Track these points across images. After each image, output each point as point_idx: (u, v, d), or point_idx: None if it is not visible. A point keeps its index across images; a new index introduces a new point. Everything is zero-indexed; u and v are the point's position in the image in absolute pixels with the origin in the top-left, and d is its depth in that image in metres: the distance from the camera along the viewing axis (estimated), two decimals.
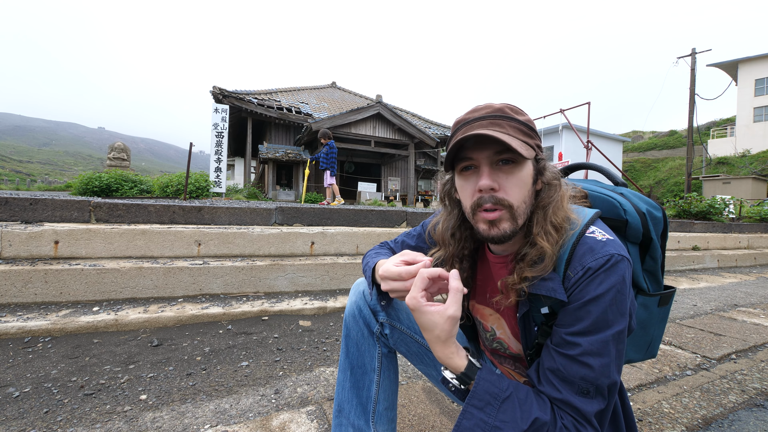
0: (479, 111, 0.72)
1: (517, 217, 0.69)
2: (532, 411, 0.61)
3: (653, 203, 0.87)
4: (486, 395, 0.63)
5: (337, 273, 3.08)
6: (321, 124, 12.18)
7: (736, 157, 24.16)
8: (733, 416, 1.40)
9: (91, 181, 4.93)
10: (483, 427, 0.61)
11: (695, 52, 15.40)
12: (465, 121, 0.72)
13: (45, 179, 46.52)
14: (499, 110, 0.71)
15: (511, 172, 0.69)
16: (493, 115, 0.70)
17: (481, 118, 0.71)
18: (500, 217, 0.69)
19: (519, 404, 0.62)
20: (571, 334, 0.64)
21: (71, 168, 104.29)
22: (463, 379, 0.66)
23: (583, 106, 10.87)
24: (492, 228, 0.70)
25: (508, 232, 0.69)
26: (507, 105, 0.73)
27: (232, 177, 23.98)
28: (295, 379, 1.62)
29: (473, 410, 0.63)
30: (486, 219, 0.70)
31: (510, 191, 0.69)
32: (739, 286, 4.35)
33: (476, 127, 0.70)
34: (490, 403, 0.62)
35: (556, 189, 0.72)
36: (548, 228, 0.69)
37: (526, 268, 0.69)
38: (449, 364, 0.67)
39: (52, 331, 1.98)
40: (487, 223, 0.70)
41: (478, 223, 0.72)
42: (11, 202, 2.67)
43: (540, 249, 0.68)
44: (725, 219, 7.82)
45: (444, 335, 0.65)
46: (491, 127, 0.69)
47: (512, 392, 0.63)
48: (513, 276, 0.71)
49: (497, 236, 0.70)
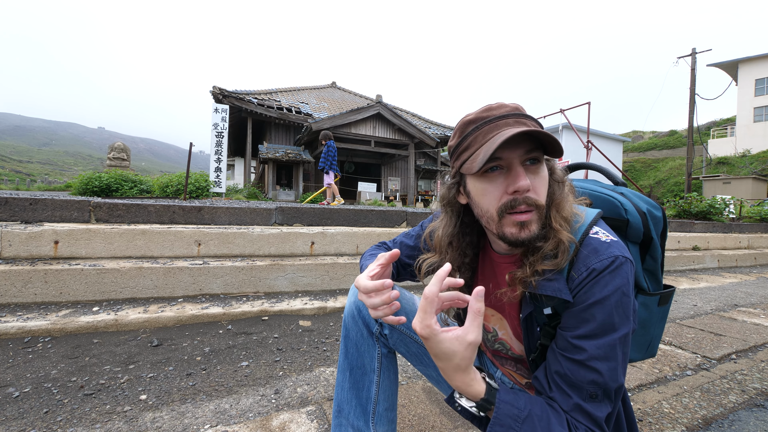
0: (497, 110, 0.69)
1: (542, 217, 0.68)
2: (551, 428, 0.60)
3: (653, 203, 0.87)
4: (507, 419, 0.60)
5: (337, 273, 3.08)
6: (321, 124, 12.18)
7: (736, 157, 24.16)
8: (733, 416, 1.40)
9: (91, 181, 4.93)
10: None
11: (695, 52, 15.40)
12: (485, 119, 0.68)
13: (45, 179, 46.52)
14: (517, 109, 0.69)
15: (537, 171, 0.68)
16: (516, 114, 0.68)
17: (504, 116, 0.67)
18: (531, 219, 0.67)
19: (538, 421, 0.60)
20: (577, 337, 0.63)
21: (71, 168, 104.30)
22: (484, 406, 0.62)
23: (583, 106, 10.87)
24: (522, 230, 0.67)
25: (536, 233, 0.67)
26: (517, 105, 0.72)
27: (232, 177, 23.98)
28: (295, 379, 1.62)
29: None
30: (517, 221, 0.67)
31: (539, 191, 0.68)
32: (740, 286, 4.35)
33: (504, 125, 0.66)
34: (511, 427, 0.60)
35: (564, 186, 0.73)
36: (562, 221, 0.69)
37: (539, 261, 0.68)
38: (468, 392, 0.62)
39: (52, 331, 1.98)
40: (518, 225, 0.67)
41: (506, 226, 0.68)
42: (11, 202, 2.67)
43: (555, 242, 0.67)
44: (725, 219, 7.82)
45: (465, 363, 0.59)
46: (519, 126, 0.66)
47: (530, 410, 0.61)
48: (525, 269, 0.69)
49: (527, 238, 0.67)
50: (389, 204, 11.40)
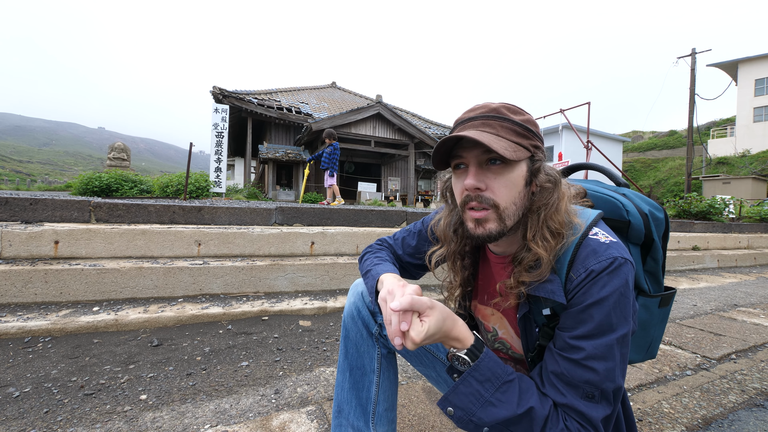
0: (475, 111, 0.72)
1: (504, 218, 0.69)
2: (530, 400, 0.62)
3: (655, 204, 0.87)
4: (488, 372, 0.63)
5: (337, 273, 3.08)
6: (321, 124, 12.18)
7: (736, 157, 24.15)
8: (733, 416, 1.40)
9: (91, 181, 4.93)
10: (477, 398, 0.62)
11: (695, 52, 15.40)
12: (461, 120, 0.73)
13: (45, 179, 46.52)
14: (494, 110, 0.71)
15: (499, 172, 0.68)
16: (487, 116, 0.70)
17: (474, 118, 0.71)
18: (486, 217, 0.69)
19: (519, 391, 0.63)
20: (575, 337, 0.64)
21: (71, 168, 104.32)
22: (474, 352, 0.65)
23: (583, 106, 10.87)
24: (478, 227, 0.70)
25: (493, 232, 0.69)
26: (504, 105, 0.72)
27: (232, 177, 23.97)
28: (295, 379, 1.63)
29: (472, 381, 0.63)
30: (473, 217, 0.70)
31: (497, 191, 0.68)
32: (739, 286, 4.35)
33: (468, 127, 0.71)
34: (490, 380, 0.63)
35: (552, 192, 0.70)
36: (544, 233, 0.68)
37: (523, 273, 0.69)
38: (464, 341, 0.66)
39: (52, 331, 1.98)
40: (474, 221, 0.70)
41: (467, 221, 0.72)
42: (11, 202, 2.67)
43: (536, 254, 0.68)
44: (725, 219, 7.82)
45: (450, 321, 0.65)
46: (481, 128, 0.69)
47: (516, 379, 0.64)
48: (510, 280, 0.71)
49: (482, 235, 0.70)
50: (389, 204, 11.41)
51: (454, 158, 0.73)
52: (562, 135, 20.11)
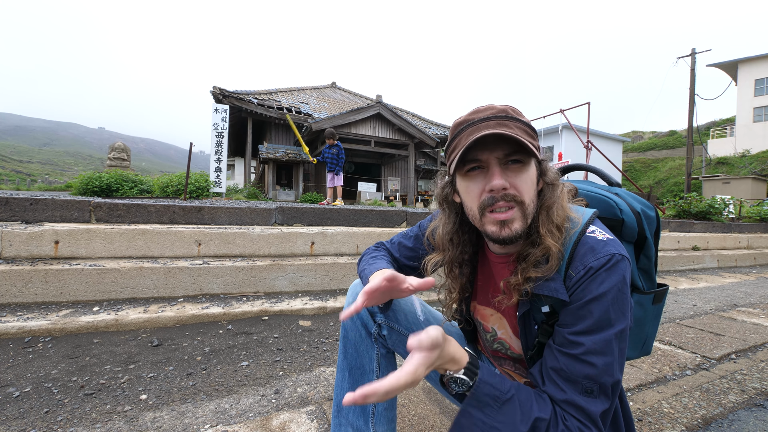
0: (483, 112, 0.71)
1: (527, 215, 0.69)
2: (532, 412, 0.61)
3: (647, 203, 0.88)
4: (486, 397, 0.62)
5: (337, 273, 3.08)
6: (321, 124, 12.19)
7: (735, 157, 24.16)
8: (732, 416, 1.40)
9: (92, 181, 4.93)
10: (481, 427, 0.61)
11: (695, 52, 15.40)
12: (469, 122, 0.71)
13: (45, 179, 46.52)
14: (503, 111, 0.71)
15: (520, 171, 0.69)
16: (499, 116, 0.70)
17: (486, 118, 0.70)
18: (512, 217, 0.68)
19: (520, 406, 0.62)
20: (574, 333, 0.64)
21: (71, 168, 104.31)
22: (471, 370, 0.63)
23: (583, 106, 10.88)
24: (503, 229, 0.69)
25: (519, 231, 0.69)
26: (509, 106, 0.73)
27: (232, 177, 23.97)
28: (295, 379, 1.63)
29: (473, 410, 0.62)
30: (497, 220, 0.69)
31: (521, 188, 0.69)
32: (739, 286, 4.35)
33: (484, 127, 0.68)
34: (489, 404, 0.62)
35: (557, 189, 0.73)
36: (552, 228, 0.69)
37: (530, 269, 0.69)
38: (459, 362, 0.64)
39: (53, 331, 1.98)
40: (498, 224, 0.69)
41: (487, 225, 0.70)
42: (11, 202, 2.67)
43: (544, 248, 0.68)
44: (725, 219, 7.82)
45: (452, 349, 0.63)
46: (499, 128, 0.68)
47: (514, 394, 0.63)
48: (517, 276, 0.71)
49: (508, 237, 0.69)
50: (389, 204, 11.41)
51: (468, 162, 0.70)
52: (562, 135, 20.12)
